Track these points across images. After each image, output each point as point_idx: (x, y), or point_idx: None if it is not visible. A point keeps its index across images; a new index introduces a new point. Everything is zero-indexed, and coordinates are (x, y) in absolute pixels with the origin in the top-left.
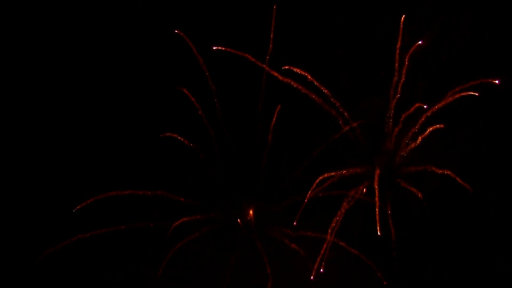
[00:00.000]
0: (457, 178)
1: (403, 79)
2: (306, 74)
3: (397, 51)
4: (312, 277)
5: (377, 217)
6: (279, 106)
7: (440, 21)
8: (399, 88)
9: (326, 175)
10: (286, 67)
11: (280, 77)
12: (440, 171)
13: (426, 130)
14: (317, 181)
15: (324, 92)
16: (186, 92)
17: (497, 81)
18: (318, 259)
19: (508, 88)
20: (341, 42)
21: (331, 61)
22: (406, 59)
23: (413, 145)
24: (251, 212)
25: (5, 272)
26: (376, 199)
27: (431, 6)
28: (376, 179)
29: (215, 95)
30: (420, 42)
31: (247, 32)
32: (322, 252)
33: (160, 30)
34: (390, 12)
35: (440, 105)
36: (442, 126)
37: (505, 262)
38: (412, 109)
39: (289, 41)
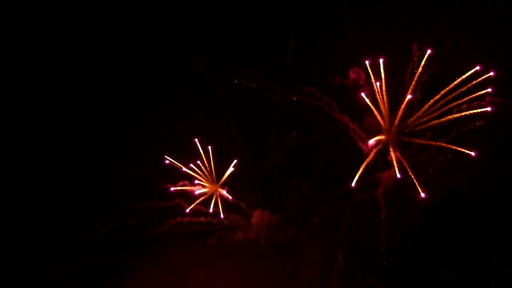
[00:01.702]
0: (462, 187)
1: (416, 106)
2: (322, 106)
3: (414, 79)
4: None
5: (383, 242)
6: (294, 132)
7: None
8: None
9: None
10: (295, 98)
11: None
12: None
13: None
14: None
15: (335, 116)
16: (202, 117)
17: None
18: (335, 281)
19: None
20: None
21: (341, 83)
22: (417, 82)
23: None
24: (262, 239)
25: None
26: (382, 217)
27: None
28: (382, 205)
29: (231, 119)
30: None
31: (262, 58)
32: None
33: (178, 57)
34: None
35: (452, 135)
36: (450, 157)
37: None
38: (427, 135)
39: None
